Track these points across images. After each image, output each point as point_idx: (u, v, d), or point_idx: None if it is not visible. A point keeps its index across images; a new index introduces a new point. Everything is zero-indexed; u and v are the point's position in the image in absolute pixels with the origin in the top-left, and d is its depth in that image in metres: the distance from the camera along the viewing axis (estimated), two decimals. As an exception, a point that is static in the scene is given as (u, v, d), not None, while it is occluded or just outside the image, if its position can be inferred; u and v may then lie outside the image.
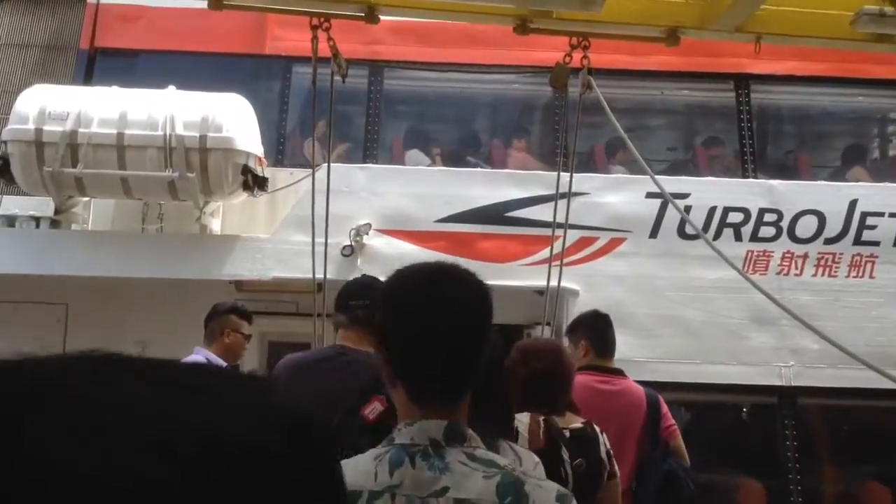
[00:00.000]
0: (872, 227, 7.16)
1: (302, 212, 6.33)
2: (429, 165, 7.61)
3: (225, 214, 7.21)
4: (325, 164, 6.74)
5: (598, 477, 3.28)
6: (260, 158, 6.80)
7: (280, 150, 7.54)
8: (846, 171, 7.98)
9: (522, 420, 3.09)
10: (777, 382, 6.96)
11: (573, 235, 7.00)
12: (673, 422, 4.37)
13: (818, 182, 7.70)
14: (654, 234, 7.08)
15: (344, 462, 1.51)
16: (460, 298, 1.67)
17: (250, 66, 8.15)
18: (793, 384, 6.96)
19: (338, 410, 2.48)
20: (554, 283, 6.09)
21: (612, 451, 3.38)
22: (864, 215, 7.15)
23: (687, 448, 7.40)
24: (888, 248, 7.12)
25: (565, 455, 3.09)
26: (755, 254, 7.06)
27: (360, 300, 3.23)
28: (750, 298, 6.98)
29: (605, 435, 3.40)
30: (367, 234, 6.91)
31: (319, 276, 5.64)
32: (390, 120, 8.11)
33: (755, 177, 7.52)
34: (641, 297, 6.98)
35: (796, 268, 7.13)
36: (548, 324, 6.73)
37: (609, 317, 4.70)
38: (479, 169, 7.60)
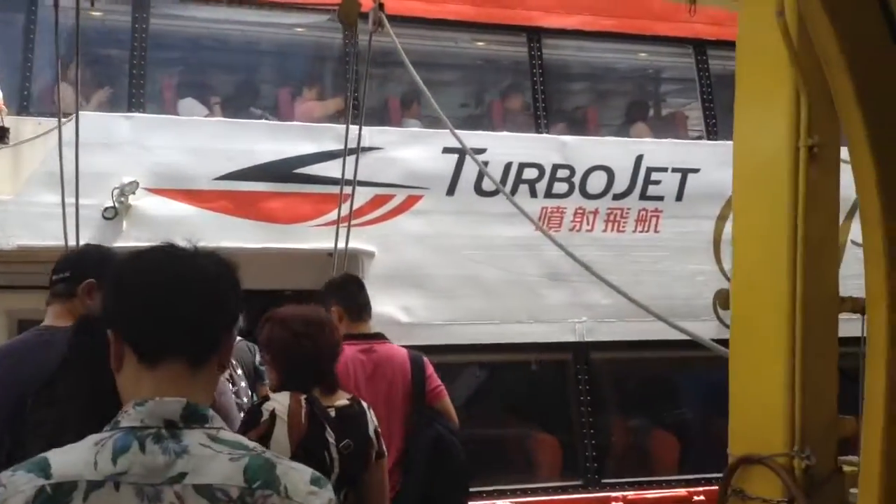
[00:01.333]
0: (657, 183, 7.20)
1: (52, 168, 5.30)
2: (206, 116, 6.71)
3: (-44, 172, 5.95)
4: (83, 113, 5.73)
5: (365, 457, 3.03)
6: (-1, 106, 5.63)
7: (25, 95, 6.32)
8: (629, 128, 8.00)
9: (282, 401, 2.88)
10: (571, 338, 6.88)
11: (367, 193, 6.51)
12: (439, 382, 4.09)
13: (608, 138, 7.66)
14: (451, 191, 6.73)
15: (55, 451, 1.42)
16: (200, 267, 1.54)
17: (-16, -5, 6.78)
18: (585, 339, 6.90)
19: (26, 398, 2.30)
20: (342, 244, 5.55)
21: (379, 428, 3.14)
22: (650, 171, 7.17)
23: (484, 409, 7.33)
24: (671, 202, 7.20)
25: (330, 437, 2.87)
26: (549, 210, 6.90)
27: (61, 273, 2.92)
28: (545, 255, 6.85)
29: (372, 410, 3.17)
30: (134, 193, 6.00)
31: (73, 242, 4.76)
32: (160, 64, 7.07)
33: (547, 132, 7.32)
34: (440, 256, 6.60)
35: (588, 223, 7.05)
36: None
37: (360, 279, 4.43)
38: (264, 121, 6.81)
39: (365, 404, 3.17)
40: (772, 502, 2.89)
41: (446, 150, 6.75)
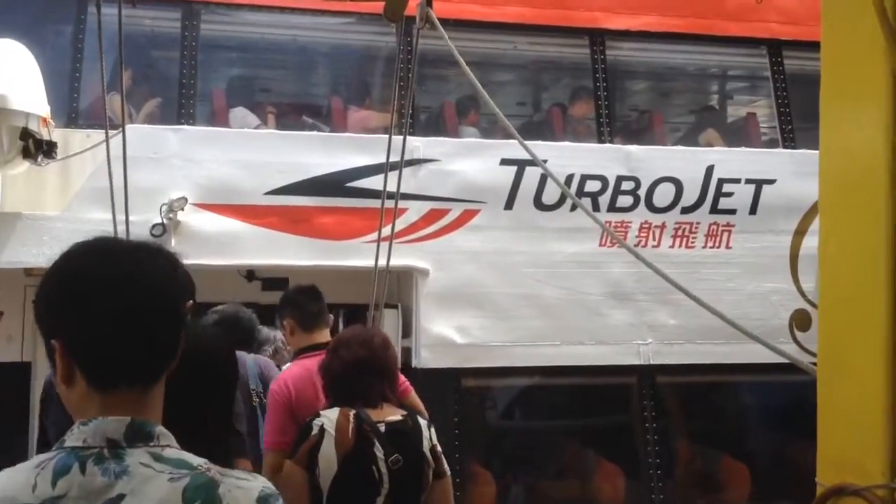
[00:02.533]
0: (729, 195, 6.86)
1: (100, 183, 5.20)
2: (257, 127, 6.58)
3: (5, 187, 5.90)
4: (130, 126, 5.64)
5: (421, 475, 3.06)
6: (45, 119, 5.55)
7: (73, 107, 6.25)
8: (699, 135, 7.66)
9: (330, 416, 3.05)
10: (636, 361, 6.59)
11: (422, 208, 6.30)
12: (405, 379, 3.98)
13: (676, 148, 7.33)
14: (509, 204, 6.47)
15: (4, 471, 1.40)
16: (146, 271, 1.47)
17: (34, 4, 6.72)
18: (651, 362, 6.60)
19: None
20: (384, 260, 5.36)
21: (439, 448, 3.17)
22: (721, 182, 6.84)
23: (544, 435, 7.07)
24: (744, 216, 6.86)
25: (379, 452, 3.00)
26: (613, 224, 6.61)
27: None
28: (608, 273, 6.58)
29: (432, 429, 3.19)
30: (183, 209, 5.89)
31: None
32: (210, 71, 6.97)
33: (611, 140, 7.02)
34: (497, 274, 6.37)
35: (654, 238, 6.75)
36: (388, 305, 6.02)
37: (316, 288, 4.29)
38: (316, 132, 6.64)
39: (423, 421, 3.20)
40: (875, 558, 2.59)
41: (504, 162, 6.51)
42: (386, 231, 5.52)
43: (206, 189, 6.05)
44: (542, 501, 6.49)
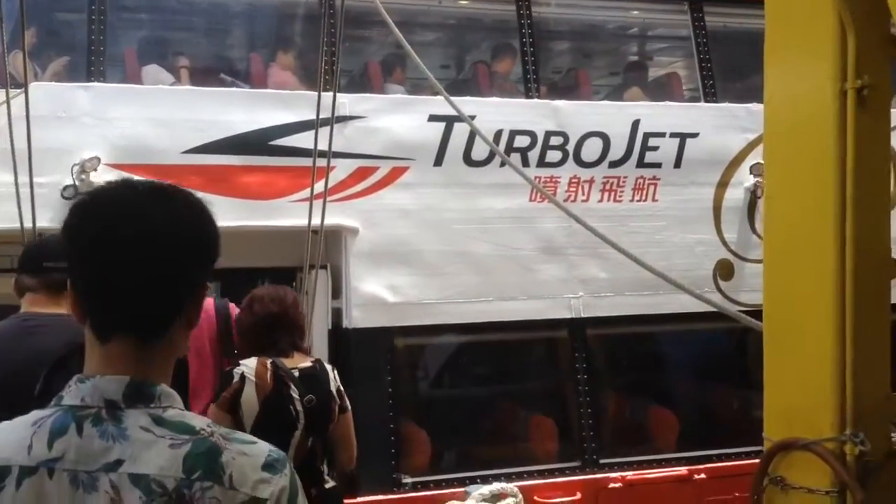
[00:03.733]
0: (654, 149, 6.88)
1: (3, 145, 4.89)
2: (172, 84, 6.27)
3: None
4: (35, 84, 5.33)
5: (329, 411, 3.54)
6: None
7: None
8: (624, 92, 7.65)
9: (250, 365, 3.45)
10: (567, 315, 6.57)
11: (350, 166, 6.12)
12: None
13: (603, 102, 7.32)
14: (438, 161, 6.34)
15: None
16: (161, 214, 1.37)
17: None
18: (582, 315, 6.59)
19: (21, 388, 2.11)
20: (317, 220, 5.19)
21: (342, 387, 3.64)
22: (647, 136, 6.85)
23: (477, 390, 7.01)
24: (669, 169, 6.89)
25: (294, 393, 3.43)
26: (543, 180, 6.55)
27: (59, 260, 2.52)
28: (539, 228, 6.54)
29: (335, 371, 3.67)
30: (96, 170, 5.57)
31: (30, 225, 4.38)
32: (121, 31, 6.61)
33: (538, 97, 6.95)
34: (428, 231, 6.25)
35: (583, 193, 6.72)
36: (323, 266, 5.86)
37: None
38: (236, 88, 6.38)
39: (329, 366, 3.67)
40: (818, 493, 2.59)
41: (432, 118, 6.37)
42: (317, 189, 5.35)
43: (120, 149, 5.75)
44: (477, 458, 6.42)
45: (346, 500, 5.86)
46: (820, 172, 2.62)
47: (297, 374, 3.47)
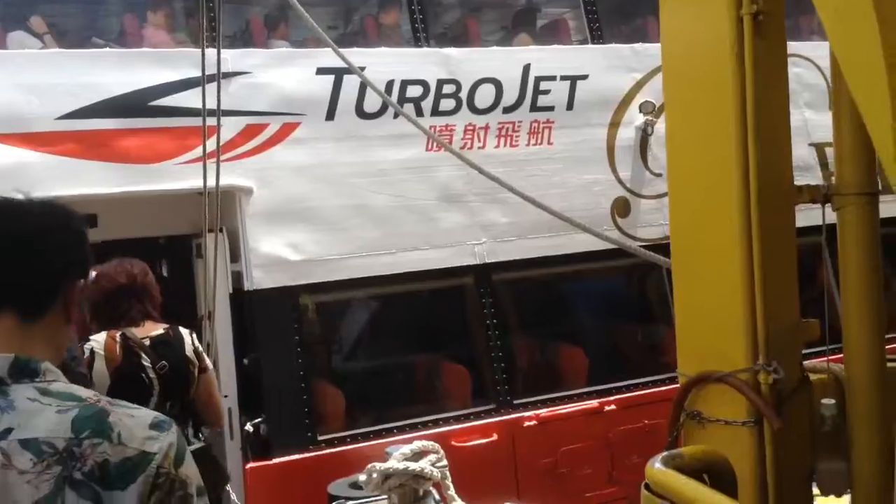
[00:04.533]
0: (546, 92, 6.70)
1: None
2: (41, 49, 5.67)
3: None
4: None
5: (185, 375, 3.57)
6: None
7: None
8: (513, 39, 7.43)
9: (98, 339, 3.47)
10: (472, 261, 6.39)
11: (238, 124, 5.71)
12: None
13: (492, 48, 7.07)
14: (330, 115, 5.99)
15: None
16: (27, 219, 1.48)
17: None
18: (486, 261, 6.43)
19: None
20: (211, 182, 4.82)
21: (200, 348, 3.68)
22: (538, 80, 6.66)
23: (388, 343, 6.79)
24: (562, 112, 6.74)
25: (146, 362, 3.48)
26: (438, 129, 6.29)
27: None
28: (437, 177, 6.31)
29: (193, 335, 3.69)
30: (-38, 141, 4.97)
31: None
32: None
33: (427, 46, 6.65)
34: (324, 187, 5.92)
35: (479, 140, 6.50)
36: (212, 230, 5.48)
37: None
38: (110, 49, 5.83)
39: (185, 331, 3.68)
40: (735, 424, 2.48)
41: (321, 71, 5.99)
42: (207, 149, 4.94)
43: (-10, 118, 5.17)
44: (392, 410, 6.23)
45: (260, 463, 5.64)
46: (720, 102, 2.45)
47: (147, 342, 3.51)
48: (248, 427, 5.70)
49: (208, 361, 3.65)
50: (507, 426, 6.32)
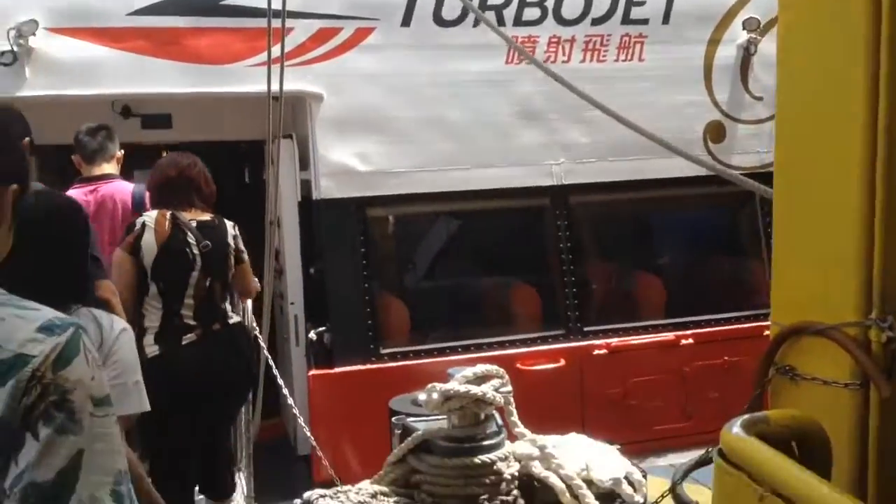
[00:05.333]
0: (640, 4, 6.02)
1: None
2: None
3: None
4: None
5: (225, 259, 3.85)
6: None
7: None
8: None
9: (151, 215, 3.80)
10: (548, 182, 5.91)
11: (310, 27, 5.29)
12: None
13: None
14: (406, 21, 5.49)
15: None
16: None
17: None
18: (564, 182, 5.93)
19: None
20: (277, 86, 4.48)
21: (240, 241, 3.93)
22: (633, -10, 5.97)
23: (457, 262, 6.45)
24: (657, 26, 6.05)
25: (191, 239, 3.78)
26: (520, 40, 5.72)
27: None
28: (517, 92, 5.79)
29: (237, 228, 3.95)
30: (34, 34, 4.76)
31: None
32: None
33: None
34: (398, 97, 5.49)
35: (563, 54, 5.91)
36: (288, 136, 5.17)
37: (102, 127, 4.73)
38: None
39: (229, 223, 3.96)
40: (836, 385, 2.01)
41: (398, -27, 5.50)
42: (275, 53, 4.57)
43: (60, 12, 4.90)
44: (458, 329, 5.92)
45: (323, 371, 5.47)
46: (848, 12, 1.90)
47: (194, 224, 3.78)
48: (312, 335, 5.50)
49: (246, 255, 3.89)
50: (575, 353, 5.94)
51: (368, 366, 5.48)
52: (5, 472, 1.11)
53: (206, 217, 3.93)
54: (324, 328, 5.49)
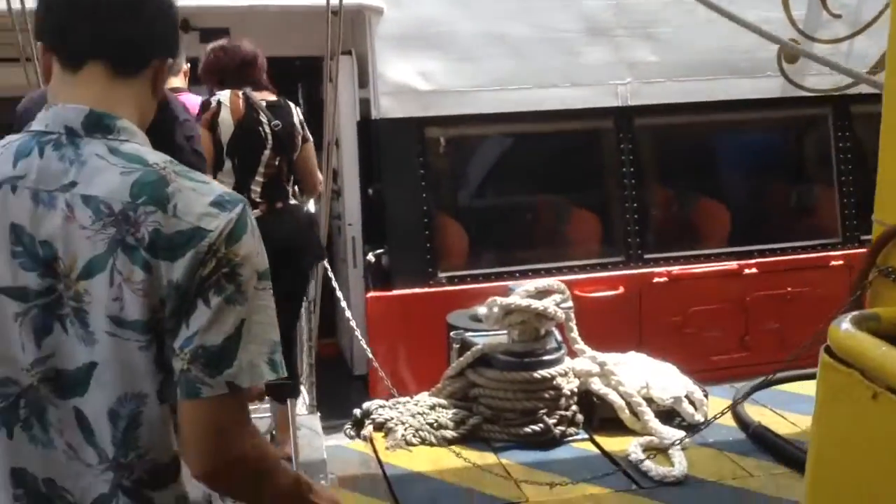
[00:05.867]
0: (716, -89, 5.58)
1: None
2: None
3: None
4: None
5: (293, 138, 3.80)
6: None
7: None
8: None
9: (224, 94, 3.73)
10: (613, 103, 5.65)
11: (370, -64, 5.06)
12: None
13: None
14: (470, -71, 5.22)
15: None
16: None
17: None
18: (629, 103, 5.67)
19: None
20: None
21: (304, 120, 3.87)
22: None
23: (517, 184, 6.27)
24: (733, -66, 5.63)
25: (263, 118, 3.72)
26: (590, -49, 5.41)
27: None
28: (582, 7, 5.50)
29: (298, 108, 3.91)
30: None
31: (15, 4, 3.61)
32: None
33: None
34: (460, 11, 5.26)
35: (632, -35, 5.58)
36: (347, 52, 4.99)
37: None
38: None
39: (292, 104, 3.88)
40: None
41: None
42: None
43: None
44: (516, 253, 5.79)
45: (381, 293, 5.42)
46: None
47: (264, 104, 3.74)
48: (370, 257, 5.42)
49: (309, 133, 3.88)
50: (634, 280, 5.78)
51: (426, 289, 5.40)
52: (176, 332, 1.24)
53: (274, 98, 3.87)
54: (381, 250, 5.40)
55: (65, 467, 1.28)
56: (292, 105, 3.88)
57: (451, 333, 4.24)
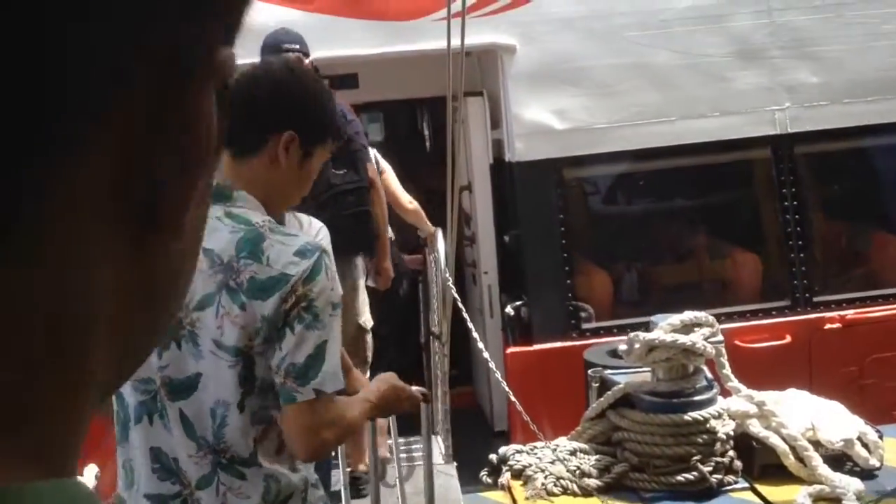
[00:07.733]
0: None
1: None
2: None
3: None
4: None
5: None
6: None
7: None
8: None
9: None
10: (770, 131, 4.99)
11: (497, -28, 4.69)
12: None
13: None
14: (602, -43, 4.78)
15: None
16: (271, 73, 1.81)
17: None
18: (789, 131, 4.99)
19: None
20: (469, 40, 3.93)
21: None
22: None
23: (666, 225, 5.66)
24: (900, -61, 4.93)
25: None
26: (733, -33, 4.84)
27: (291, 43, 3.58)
28: (732, 27, 4.92)
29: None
30: None
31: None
32: None
33: None
34: (596, 42, 4.80)
35: (785, -20, 4.96)
36: (471, 93, 4.61)
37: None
38: None
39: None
40: None
41: None
42: (459, 5, 4.00)
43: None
44: (668, 302, 5.16)
45: (520, 348, 4.93)
46: None
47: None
48: (509, 309, 4.94)
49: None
50: (803, 327, 5.08)
51: (569, 342, 4.86)
52: (269, 355, 1.60)
53: None
54: (521, 302, 4.92)
55: (181, 452, 1.64)
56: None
57: (589, 371, 3.72)
